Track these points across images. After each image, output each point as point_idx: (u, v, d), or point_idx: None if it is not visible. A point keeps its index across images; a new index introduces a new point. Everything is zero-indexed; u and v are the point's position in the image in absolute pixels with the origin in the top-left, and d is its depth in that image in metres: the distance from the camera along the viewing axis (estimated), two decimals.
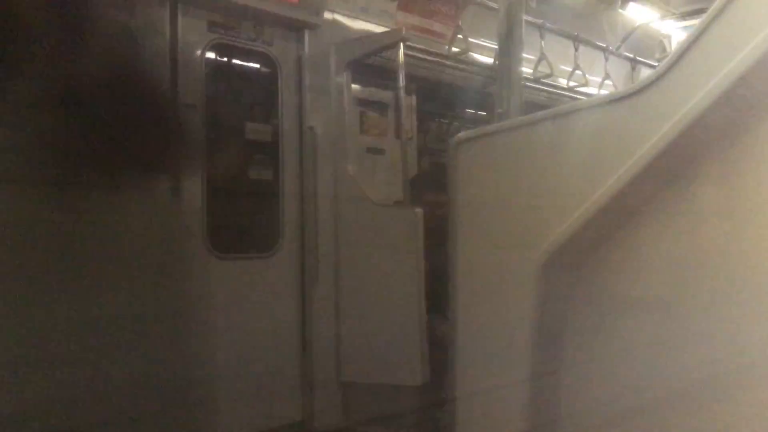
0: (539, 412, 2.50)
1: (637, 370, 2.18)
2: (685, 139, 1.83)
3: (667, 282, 1.99)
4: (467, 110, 6.62)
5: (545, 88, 6.43)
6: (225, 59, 4.46)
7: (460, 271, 2.48)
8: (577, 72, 6.47)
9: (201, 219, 4.08)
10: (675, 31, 6.98)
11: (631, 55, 7.08)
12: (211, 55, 4.28)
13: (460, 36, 5.54)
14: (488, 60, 5.80)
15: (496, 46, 4.49)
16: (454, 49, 5.60)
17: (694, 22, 6.73)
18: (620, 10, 6.56)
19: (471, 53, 5.61)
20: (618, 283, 2.04)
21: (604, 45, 6.74)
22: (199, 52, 4.18)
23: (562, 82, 6.57)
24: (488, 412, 2.59)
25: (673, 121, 1.84)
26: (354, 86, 5.02)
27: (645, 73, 7.60)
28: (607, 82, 6.84)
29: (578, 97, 6.86)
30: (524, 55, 6.09)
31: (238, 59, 4.55)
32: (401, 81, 4.66)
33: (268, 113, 4.63)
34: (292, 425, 4.50)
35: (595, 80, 6.85)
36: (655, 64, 7.29)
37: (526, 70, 6.13)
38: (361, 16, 5.16)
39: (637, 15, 6.79)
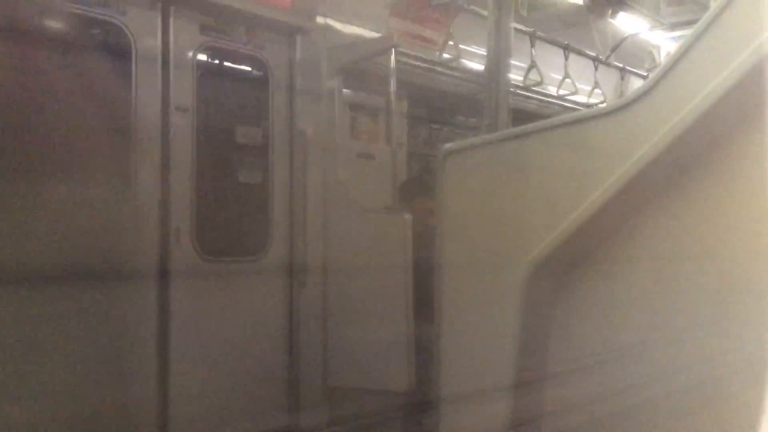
0: (523, 417, 2.52)
1: (619, 377, 2.21)
2: (670, 154, 1.85)
3: (650, 292, 2.01)
4: (458, 116, 6.66)
5: (535, 96, 6.47)
6: (217, 62, 4.47)
7: (445, 281, 2.50)
8: (567, 80, 6.51)
9: (189, 221, 4.08)
10: (664, 42, 7.04)
11: (621, 65, 7.14)
12: (202, 58, 4.28)
13: (451, 43, 5.56)
14: (479, 67, 5.83)
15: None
16: (446, 56, 5.63)
17: (684, 33, 6.81)
18: (610, 20, 6.62)
19: (462, 60, 5.63)
20: (603, 294, 2.07)
21: (594, 54, 6.79)
22: (190, 55, 4.18)
23: (553, 90, 6.61)
24: (472, 418, 2.61)
25: (658, 136, 1.87)
26: (345, 91, 5.03)
27: (634, 82, 7.67)
28: (597, 91, 6.89)
29: (568, 105, 6.91)
30: (515, 62, 6.18)
31: (229, 62, 4.56)
32: (392, 86, 4.68)
33: (259, 117, 4.64)
34: (278, 429, 4.51)
35: (585, 88, 6.91)
36: (645, 74, 7.35)
37: (517, 77, 6.18)
38: (354, 21, 5.18)
39: (627, 25, 6.85)
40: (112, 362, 3.69)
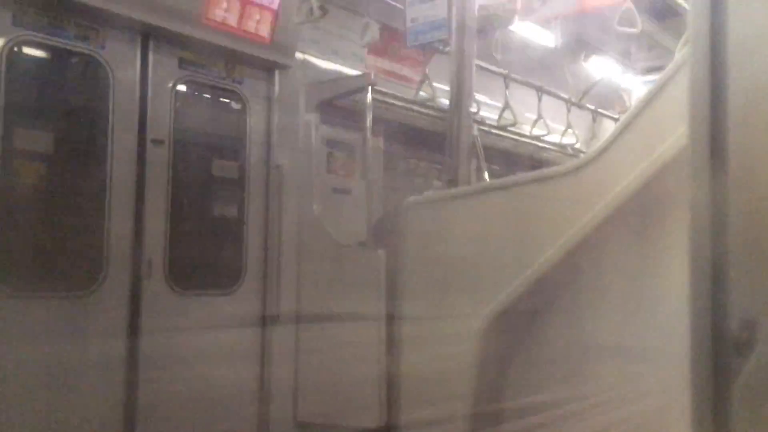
0: None
1: (573, 425, 2.23)
2: (620, 214, 1.92)
3: (600, 347, 2.06)
4: (434, 152, 6.73)
5: (510, 135, 6.58)
6: (195, 96, 4.50)
7: (405, 329, 2.54)
8: (541, 121, 6.64)
9: (162, 254, 4.06)
10: (635, 86, 7.24)
11: (593, 107, 7.30)
12: (181, 91, 4.31)
13: (426, 82, 5.66)
14: None
15: None
16: (422, 94, 5.71)
17: (653, 77, 7.00)
18: (583, 63, 6.79)
19: (438, 98, 5.72)
20: (557, 346, 2.11)
21: (567, 96, 6.95)
22: (169, 88, 4.21)
23: (527, 129, 6.73)
24: None
25: (609, 197, 1.94)
26: (322, 126, 5.08)
27: (606, 124, 7.84)
28: (569, 131, 7.04)
29: (542, 144, 7.04)
30: (492, 102, 6.29)
31: (207, 96, 4.59)
32: (368, 123, 4.74)
33: (236, 150, 4.66)
34: None
35: (559, 128, 7.04)
36: (616, 116, 7.53)
37: (491, 116, 6.30)
38: (332, 58, 5.26)
39: (599, 69, 7.03)
40: (73, 391, 3.63)
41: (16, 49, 3.55)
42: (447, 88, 5.92)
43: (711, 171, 0.84)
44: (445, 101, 5.96)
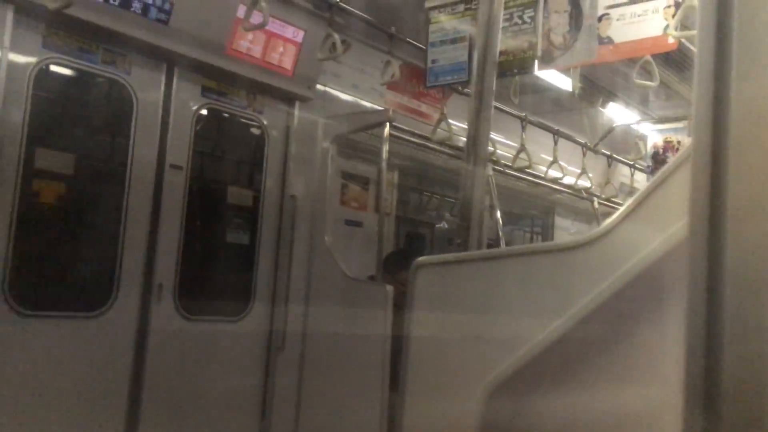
0: None
1: None
2: (625, 295, 1.93)
3: (603, 420, 2.04)
4: (447, 188, 6.77)
5: (526, 177, 6.61)
6: (215, 123, 4.57)
7: (409, 389, 2.53)
8: (558, 162, 6.67)
9: (173, 278, 4.10)
10: (651, 133, 7.26)
11: (608, 153, 7.33)
12: (201, 118, 4.38)
13: (444, 122, 5.71)
14: None
15: None
16: (440, 131, 5.76)
17: (671, 126, 7.03)
18: (601, 109, 6.83)
19: (455, 136, 5.77)
20: (559, 421, 2.11)
21: (583, 141, 6.99)
22: (190, 115, 4.28)
23: (543, 168, 6.76)
24: None
25: (614, 277, 1.96)
26: (338, 158, 5.13)
27: (621, 169, 7.86)
28: (584, 175, 7.07)
29: (555, 187, 7.07)
30: (509, 142, 6.34)
31: (227, 124, 4.66)
32: (384, 157, 4.78)
33: (252, 179, 4.72)
34: None
35: (575, 171, 7.07)
36: (631, 163, 7.56)
37: (508, 154, 6.34)
38: (353, 92, 5.33)
39: (616, 115, 7.07)
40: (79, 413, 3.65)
41: (43, 70, 3.63)
42: (463, 125, 6.00)
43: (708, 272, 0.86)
44: (461, 138, 6.02)
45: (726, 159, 0.85)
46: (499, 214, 6.34)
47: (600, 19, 3.79)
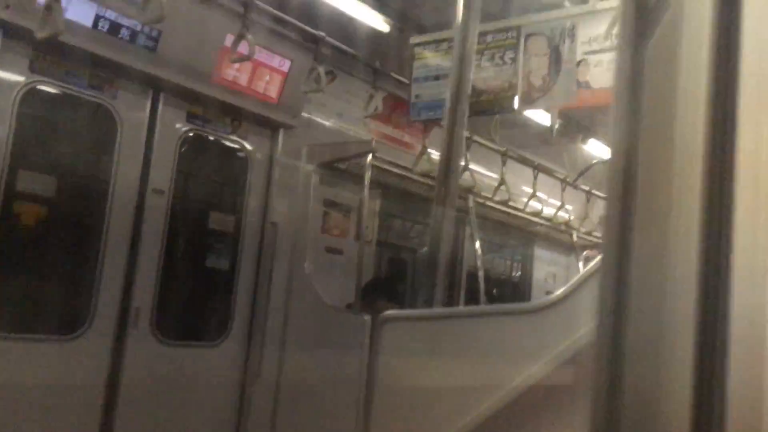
0: None
1: None
2: (570, 365, 1.98)
3: None
4: (427, 217, 6.80)
5: (506, 209, 6.68)
6: (199, 149, 4.60)
7: None
8: (537, 195, 6.76)
9: (150, 302, 4.09)
10: None
11: (587, 188, 7.43)
12: (185, 143, 4.41)
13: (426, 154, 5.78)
14: None
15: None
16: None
17: None
18: (581, 145, 6.94)
19: (435, 169, 5.83)
20: None
21: (562, 176, 7.09)
22: (174, 140, 4.30)
23: (523, 200, 6.83)
24: None
25: (568, 342, 2.01)
26: (320, 186, 5.17)
27: (600, 204, 7.95)
28: (566, 207, 7.17)
29: (534, 219, 7.15)
30: (491, 174, 6.41)
31: (211, 150, 4.69)
32: (366, 185, 4.83)
33: (234, 205, 4.74)
34: None
35: (555, 203, 7.16)
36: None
37: (491, 184, 6.41)
38: (337, 121, 5.38)
39: (596, 150, 7.17)
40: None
41: (29, 93, 3.65)
42: None
43: None
44: None
45: (635, 208, 0.90)
46: (478, 244, 6.40)
47: (578, 64, 3.88)
